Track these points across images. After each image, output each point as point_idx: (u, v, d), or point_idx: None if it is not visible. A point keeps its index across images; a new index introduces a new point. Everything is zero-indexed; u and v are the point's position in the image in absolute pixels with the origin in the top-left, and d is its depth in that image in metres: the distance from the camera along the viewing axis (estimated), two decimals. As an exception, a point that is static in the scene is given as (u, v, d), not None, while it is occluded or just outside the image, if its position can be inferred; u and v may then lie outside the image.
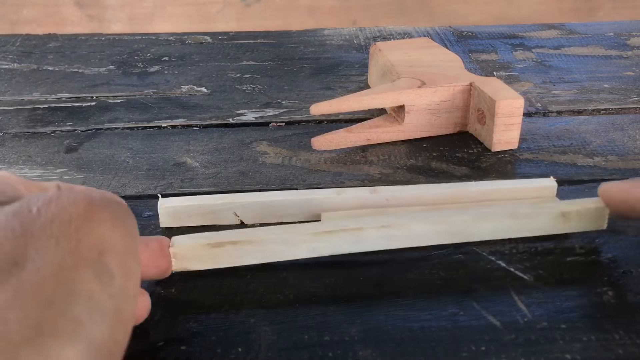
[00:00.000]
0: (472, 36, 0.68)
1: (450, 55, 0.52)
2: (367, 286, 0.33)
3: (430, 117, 0.47)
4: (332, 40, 0.68)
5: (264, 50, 0.65)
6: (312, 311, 0.31)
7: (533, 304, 0.31)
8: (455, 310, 0.31)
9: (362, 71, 0.59)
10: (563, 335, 0.29)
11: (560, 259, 0.34)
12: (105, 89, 0.56)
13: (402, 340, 0.29)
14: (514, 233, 0.35)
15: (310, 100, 0.53)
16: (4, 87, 0.57)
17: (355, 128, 0.46)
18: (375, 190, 0.37)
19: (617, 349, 0.29)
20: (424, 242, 0.34)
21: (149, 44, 0.67)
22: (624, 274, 0.33)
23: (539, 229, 0.35)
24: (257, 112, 0.52)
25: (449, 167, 0.44)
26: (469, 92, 0.46)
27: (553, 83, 0.56)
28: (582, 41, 0.67)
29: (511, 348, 0.29)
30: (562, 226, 0.35)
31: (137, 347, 0.29)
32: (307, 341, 0.29)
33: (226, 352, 0.28)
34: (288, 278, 0.33)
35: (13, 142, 0.47)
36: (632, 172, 0.42)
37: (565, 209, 0.35)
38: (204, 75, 0.59)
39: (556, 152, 0.45)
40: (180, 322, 0.30)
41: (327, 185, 0.42)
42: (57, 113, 0.52)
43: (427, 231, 0.34)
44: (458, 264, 0.34)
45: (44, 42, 0.68)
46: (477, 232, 0.35)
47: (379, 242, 0.34)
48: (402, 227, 0.34)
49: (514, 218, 0.35)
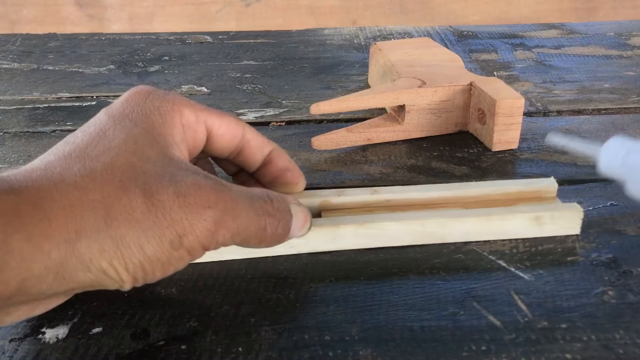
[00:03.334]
0: (472, 36, 0.68)
1: (450, 55, 0.52)
2: (367, 286, 0.33)
3: (430, 117, 0.47)
4: (332, 40, 0.68)
5: (264, 49, 0.65)
6: (312, 311, 0.31)
7: (533, 303, 0.31)
8: (456, 310, 0.31)
9: (362, 71, 0.59)
10: (563, 335, 0.29)
11: (560, 259, 0.34)
12: (106, 88, 0.56)
13: (403, 340, 0.29)
14: (488, 235, 0.35)
15: (311, 100, 0.53)
16: (4, 87, 0.57)
17: (356, 128, 0.46)
18: (376, 190, 0.37)
19: (617, 349, 0.29)
20: (399, 242, 0.35)
21: (149, 44, 0.67)
22: (624, 274, 0.33)
23: (513, 232, 0.35)
24: (258, 112, 0.52)
25: (449, 167, 0.44)
26: (469, 92, 0.46)
27: (553, 83, 0.56)
28: (582, 41, 0.67)
29: (511, 348, 0.29)
30: (535, 230, 0.36)
31: (137, 347, 0.29)
32: (308, 341, 0.29)
33: (226, 351, 0.28)
34: (288, 278, 0.33)
35: (13, 141, 0.47)
36: (633, 172, 0.42)
37: (538, 213, 0.35)
38: (204, 74, 0.59)
39: (556, 151, 0.45)
40: (180, 322, 0.30)
41: (327, 184, 0.42)
42: (58, 112, 0.52)
43: (401, 231, 0.35)
44: (458, 264, 0.34)
45: (44, 41, 0.68)
46: (451, 233, 0.35)
47: (355, 240, 0.34)
48: (377, 227, 0.34)
49: (488, 220, 0.35)
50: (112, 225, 0.25)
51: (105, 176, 0.26)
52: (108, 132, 0.28)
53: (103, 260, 0.25)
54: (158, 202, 0.25)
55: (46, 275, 0.24)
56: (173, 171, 0.27)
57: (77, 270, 0.25)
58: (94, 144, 0.27)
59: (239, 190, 0.29)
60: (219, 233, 0.27)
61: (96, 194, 0.25)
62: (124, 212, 0.25)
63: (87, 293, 0.32)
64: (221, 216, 0.27)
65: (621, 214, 0.38)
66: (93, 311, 0.31)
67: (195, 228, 0.26)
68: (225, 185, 0.28)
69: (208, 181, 0.27)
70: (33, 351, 0.28)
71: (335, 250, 0.35)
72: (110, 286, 0.26)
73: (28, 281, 0.24)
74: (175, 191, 0.26)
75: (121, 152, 0.27)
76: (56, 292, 0.25)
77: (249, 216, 0.28)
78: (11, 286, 0.23)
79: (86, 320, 0.30)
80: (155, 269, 0.26)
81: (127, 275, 0.26)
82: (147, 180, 0.26)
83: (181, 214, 0.26)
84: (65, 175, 0.25)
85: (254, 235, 0.29)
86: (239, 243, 0.29)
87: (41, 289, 0.24)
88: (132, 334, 0.29)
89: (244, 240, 0.29)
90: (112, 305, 0.31)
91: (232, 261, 0.34)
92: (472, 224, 0.35)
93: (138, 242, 0.25)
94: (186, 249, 0.26)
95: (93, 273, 0.25)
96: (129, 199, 0.25)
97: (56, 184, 0.25)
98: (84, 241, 0.24)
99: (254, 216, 0.28)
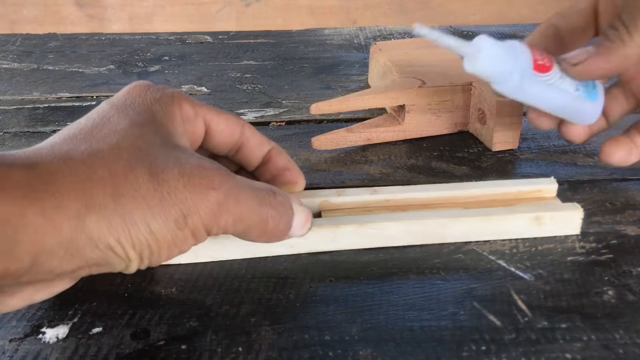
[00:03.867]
0: (472, 36, 0.68)
1: (450, 55, 0.52)
2: (367, 286, 0.33)
3: (430, 117, 0.47)
4: (332, 40, 0.68)
5: (264, 49, 0.65)
6: (312, 311, 0.31)
7: (533, 303, 0.31)
8: (456, 309, 0.31)
9: (362, 71, 0.59)
10: (563, 335, 0.29)
11: (560, 259, 0.34)
12: (106, 88, 0.56)
13: (403, 339, 0.29)
14: (488, 235, 0.35)
15: (311, 100, 0.53)
16: (4, 87, 0.57)
17: (356, 127, 0.46)
18: (376, 190, 0.37)
19: (617, 349, 0.29)
20: (399, 242, 0.35)
21: (149, 44, 0.67)
22: (624, 274, 0.33)
23: (513, 232, 0.36)
24: (258, 112, 0.52)
25: (449, 167, 0.44)
26: (469, 92, 0.46)
27: (553, 83, 0.56)
28: (582, 41, 0.66)
29: (512, 347, 0.29)
30: (535, 230, 0.36)
31: (137, 347, 0.29)
32: (308, 341, 0.29)
33: (227, 351, 0.28)
34: (288, 278, 0.33)
35: (13, 141, 0.47)
36: (633, 172, 0.42)
37: (538, 213, 0.35)
38: (204, 74, 0.59)
39: (556, 151, 0.45)
40: (180, 322, 0.30)
41: (327, 184, 0.42)
42: (58, 112, 0.52)
43: (401, 231, 0.35)
44: (458, 264, 0.34)
45: (44, 41, 0.68)
46: (451, 233, 0.35)
47: (355, 240, 0.34)
48: (377, 227, 0.34)
49: (488, 220, 0.35)
50: (119, 202, 0.25)
51: (112, 156, 0.26)
52: (112, 119, 0.29)
53: (111, 237, 0.25)
54: (163, 182, 0.26)
55: (57, 251, 0.24)
56: (178, 154, 0.27)
57: (86, 246, 0.25)
58: (99, 128, 0.28)
59: (243, 179, 0.29)
60: (221, 216, 0.27)
61: (104, 171, 0.25)
62: (131, 189, 0.25)
63: (88, 292, 0.32)
64: (224, 199, 0.27)
65: (621, 214, 0.38)
66: (93, 311, 0.31)
67: (199, 208, 0.26)
68: (230, 172, 0.28)
69: (213, 164, 0.28)
70: (33, 351, 0.28)
71: (335, 250, 0.35)
72: (117, 265, 0.26)
73: (40, 257, 0.24)
74: (180, 171, 0.26)
75: (127, 135, 0.27)
76: (64, 271, 0.25)
77: (251, 204, 0.28)
78: (24, 262, 0.24)
79: (86, 320, 0.30)
80: (161, 249, 0.26)
81: (133, 254, 0.26)
82: (153, 161, 0.26)
83: (186, 194, 0.26)
84: (73, 153, 0.26)
85: (256, 226, 0.29)
86: (241, 233, 0.29)
87: (52, 266, 0.25)
88: (132, 333, 0.29)
89: (246, 229, 0.29)
90: (112, 305, 0.31)
91: (232, 261, 0.34)
92: (472, 224, 0.35)
93: (145, 219, 0.25)
94: (190, 229, 0.26)
95: (101, 249, 0.25)
96: (135, 176, 0.26)
97: (65, 160, 0.25)
98: (93, 217, 0.25)
99: (256, 205, 0.29)
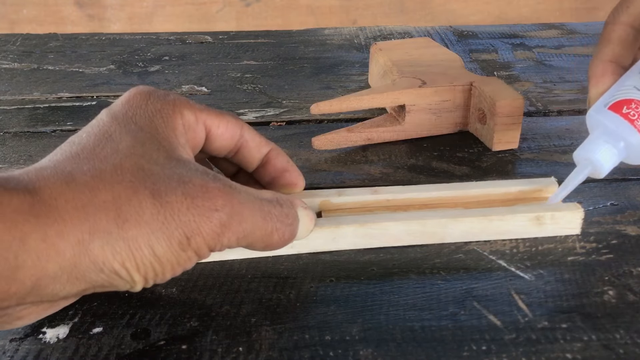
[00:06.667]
0: (472, 36, 0.68)
1: (450, 54, 0.52)
2: (367, 286, 0.33)
3: (430, 117, 0.47)
4: (332, 40, 0.68)
5: (264, 49, 0.65)
6: (313, 310, 0.31)
7: (533, 303, 0.31)
8: (456, 309, 0.31)
9: (362, 71, 0.59)
10: (564, 335, 0.29)
11: (560, 259, 0.34)
12: (106, 88, 0.56)
13: (403, 339, 0.29)
14: (488, 235, 0.35)
15: (311, 100, 0.53)
16: (5, 87, 0.57)
17: (356, 127, 0.46)
18: (376, 190, 0.37)
19: (617, 349, 0.29)
20: (399, 242, 0.35)
21: (149, 44, 0.67)
22: (624, 274, 0.33)
23: (513, 232, 0.35)
24: (258, 112, 0.52)
25: (449, 167, 0.44)
26: (469, 92, 0.46)
27: (553, 83, 0.56)
28: (582, 41, 0.67)
29: (512, 347, 0.29)
30: (535, 230, 0.36)
31: (138, 347, 0.29)
32: (308, 341, 0.29)
33: (227, 351, 0.28)
34: (288, 278, 0.33)
35: (14, 141, 0.47)
36: (632, 172, 0.42)
37: (538, 213, 0.35)
38: (204, 74, 0.59)
39: (557, 151, 0.45)
40: (181, 322, 0.30)
41: (327, 184, 0.42)
42: (58, 112, 0.52)
43: (401, 231, 0.35)
44: (458, 264, 0.34)
45: (44, 41, 0.68)
46: (451, 233, 0.35)
47: (356, 240, 0.34)
48: (378, 227, 0.34)
49: (488, 220, 0.35)
50: (123, 227, 0.25)
51: (114, 177, 0.26)
52: (114, 135, 0.28)
53: (115, 262, 0.25)
54: (167, 204, 0.26)
55: (60, 276, 0.24)
56: (182, 172, 0.27)
57: (90, 271, 0.25)
58: (102, 146, 0.27)
59: (248, 193, 0.29)
60: (224, 235, 0.27)
61: (107, 194, 0.25)
62: (135, 213, 0.25)
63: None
64: (227, 219, 0.27)
65: (621, 214, 0.38)
66: (93, 311, 0.31)
67: (202, 230, 0.26)
68: (235, 187, 0.28)
69: (217, 183, 0.27)
70: (34, 351, 0.28)
71: (335, 250, 0.35)
72: (122, 287, 0.26)
73: (42, 280, 0.24)
74: (183, 192, 0.26)
75: (129, 154, 0.27)
76: (69, 294, 0.25)
77: (255, 220, 0.28)
78: (26, 285, 0.24)
79: (87, 320, 0.30)
80: (166, 270, 0.26)
81: (138, 277, 0.26)
82: (156, 181, 0.26)
83: (189, 216, 0.26)
84: (76, 174, 0.26)
85: (260, 240, 0.29)
86: (245, 246, 0.29)
87: (54, 290, 0.25)
88: (133, 333, 0.29)
89: (250, 243, 0.29)
90: (113, 305, 0.31)
91: (232, 261, 0.34)
92: (472, 224, 0.35)
93: (149, 243, 0.25)
94: (194, 250, 0.26)
95: (105, 274, 0.25)
96: (139, 200, 0.26)
97: (68, 183, 0.25)
98: (97, 242, 0.25)
99: (260, 221, 0.29)
